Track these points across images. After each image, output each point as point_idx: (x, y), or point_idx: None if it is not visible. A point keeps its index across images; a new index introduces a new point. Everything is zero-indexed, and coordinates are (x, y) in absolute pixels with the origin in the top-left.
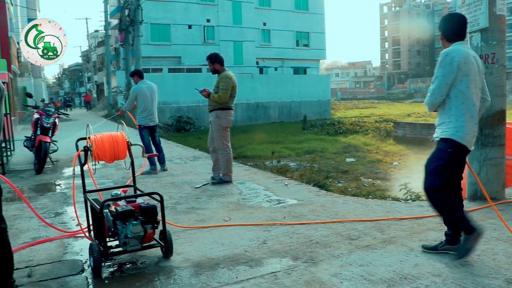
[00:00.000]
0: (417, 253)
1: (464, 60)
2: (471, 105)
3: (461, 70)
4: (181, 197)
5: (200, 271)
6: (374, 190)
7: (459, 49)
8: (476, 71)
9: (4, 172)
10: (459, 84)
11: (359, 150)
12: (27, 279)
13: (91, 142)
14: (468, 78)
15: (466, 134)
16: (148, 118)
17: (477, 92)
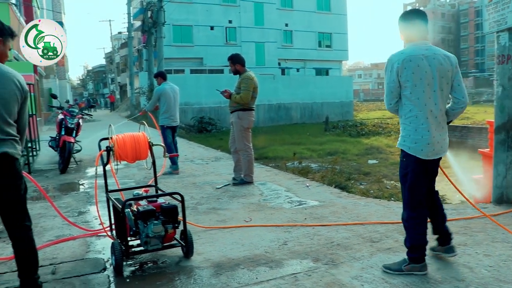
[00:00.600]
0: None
1: (404, 65)
2: (419, 112)
3: (401, 76)
4: (202, 198)
5: (220, 271)
6: (396, 192)
7: (404, 52)
8: (426, 73)
9: (30, 171)
10: (404, 90)
11: (381, 152)
12: (51, 276)
13: (113, 142)
14: (410, 83)
15: (414, 144)
16: (170, 119)
17: (433, 95)
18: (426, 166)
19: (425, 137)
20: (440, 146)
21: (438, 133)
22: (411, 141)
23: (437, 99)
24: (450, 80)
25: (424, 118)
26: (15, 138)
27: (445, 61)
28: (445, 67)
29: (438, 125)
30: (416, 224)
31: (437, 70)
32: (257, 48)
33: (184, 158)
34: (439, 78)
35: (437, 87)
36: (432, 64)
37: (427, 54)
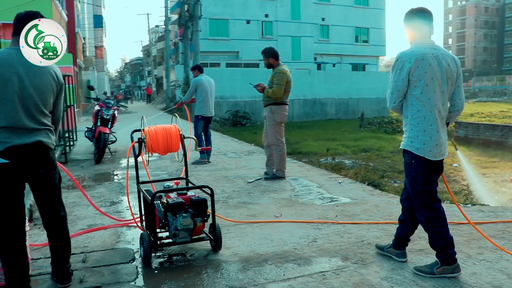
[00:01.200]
0: (475, 260)
1: (417, 64)
2: (429, 112)
3: (413, 75)
4: (234, 191)
5: (248, 266)
6: None
7: (414, 51)
8: (437, 73)
9: (67, 161)
10: (414, 90)
11: None
12: (82, 264)
13: (145, 134)
14: (422, 83)
15: (422, 145)
16: (206, 109)
17: (441, 96)
18: (435, 166)
19: (434, 138)
20: (445, 147)
21: (444, 134)
22: (419, 142)
23: (445, 100)
24: (455, 82)
25: (433, 119)
26: (49, 128)
27: (452, 62)
28: (451, 68)
29: (443, 126)
30: (436, 224)
31: (445, 71)
32: (293, 42)
33: (217, 151)
34: (446, 79)
35: (445, 87)
36: (440, 64)
37: (436, 54)
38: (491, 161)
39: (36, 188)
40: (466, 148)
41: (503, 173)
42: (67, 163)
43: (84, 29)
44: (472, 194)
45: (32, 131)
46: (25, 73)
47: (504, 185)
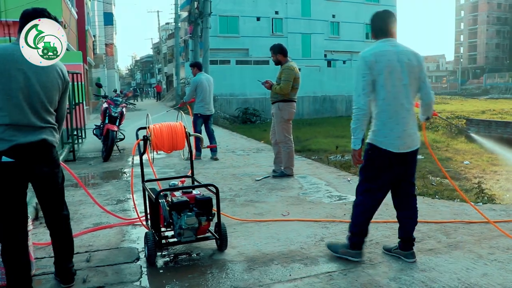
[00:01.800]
0: (486, 261)
1: (376, 58)
2: (388, 106)
3: (373, 69)
4: (241, 189)
5: (254, 266)
6: (441, 190)
7: (374, 47)
8: (396, 67)
9: (75, 158)
10: (376, 84)
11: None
12: (86, 263)
13: (150, 131)
14: (381, 77)
15: (384, 138)
16: (205, 107)
17: (403, 89)
18: (397, 159)
19: (394, 130)
20: (412, 140)
21: (410, 127)
22: (381, 136)
23: (408, 93)
24: (417, 76)
25: (393, 111)
26: (53, 126)
27: (413, 57)
28: (412, 63)
29: (409, 118)
30: (361, 212)
31: (406, 65)
32: (303, 39)
33: (225, 149)
34: (408, 73)
35: (407, 81)
36: (400, 59)
37: (395, 50)
38: (502, 158)
39: (39, 187)
40: (478, 146)
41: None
42: (75, 161)
43: (94, 26)
44: (483, 193)
45: (37, 129)
46: (30, 69)
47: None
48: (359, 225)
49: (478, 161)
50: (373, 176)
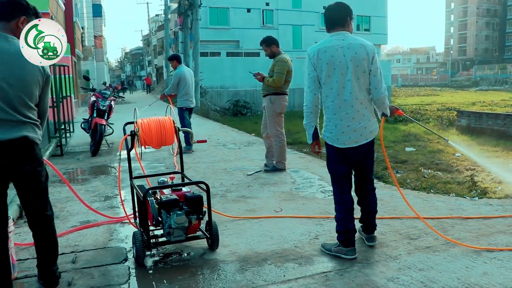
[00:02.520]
0: (485, 259)
1: (319, 55)
2: (331, 102)
3: (316, 66)
4: (232, 185)
5: (246, 266)
6: (435, 183)
7: (320, 44)
8: (340, 63)
9: (62, 153)
10: (320, 81)
11: (419, 139)
12: (71, 265)
13: (138, 126)
14: (324, 74)
15: (330, 133)
16: (189, 100)
17: (347, 85)
18: (346, 154)
19: (338, 126)
20: (359, 134)
21: (356, 122)
22: (328, 131)
23: (353, 88)
24: (367, 69)
25: (336, 108)
26: (35, 122)
27: (360, 50)
28: (360, 56)
29: (355, 114)
30: (340, 210)
31: (351, 60)
32: (294, 31)
33: (216, 142)
34: (354, 67)
35: (351, 76)
36: (346, 54)
37: (342, 45)
38: (493, 150)
39: (21, 187)
40: (469, 137)
41: (507, 162)
42: (63, 156)
43: (82, 18)
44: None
45: (17, 125)
46: (2, 63)
47: (507, 175)
48: (341, 222)
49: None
50: (334, 169)
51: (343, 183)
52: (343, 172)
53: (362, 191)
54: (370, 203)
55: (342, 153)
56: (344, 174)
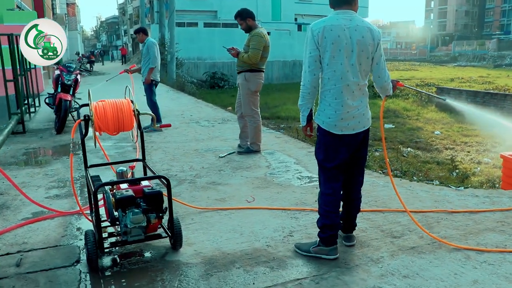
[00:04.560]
0: (475, 263)
1: (324, 33)
2: (334, 85)
3: (320, 45)
4: (203, 168)
5: (212, 271)
6: (415, 163)
7: (326, 21)
8: (346, 45)
9: (24, 131)
10: (322, 62)
11: (398, 115)
12: (14, 269)
13: (91, 110)
14: (328, 54)
15: (328, 119)
16: (158, 74)
17: (351, 69)
18: (342, 141)
19: (338, 112)
20: (357, 121)
21: (356, 108)
22: (325, 116)
23: (356, 73)
24: (370, 55)
25: (338, 92)
26: None
27: (367, 34)
28: (366, 41)
29: (355, 99)
30: (328, 201)
31: (357, 43)
32: (273, 2)
33: (189, 119)
34: (359, 51)
35: (355, 60)
36: (353, 36)
37: (349, 25)
38: (472, 128)
39: None
40: (448, 115)
41: (485, 141)
42: (25, 133)
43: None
44: (457, 168)
45: None
46: None
47: (486, 154)
48: (328, 215)
49: (448, 131)
50: (325, 158)
51: (334, 173)
52: (337, 162)
53: (350, 183)
54: (355, 200)
55: (338, 141)
56: (337, 165)
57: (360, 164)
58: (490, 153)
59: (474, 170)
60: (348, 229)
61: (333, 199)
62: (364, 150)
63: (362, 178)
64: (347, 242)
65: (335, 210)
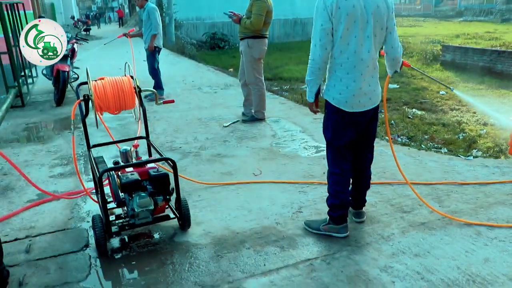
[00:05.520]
0: (486, 239)
1: (338, 3)
2: (347, 59)
3: (334, 16)
4: (207, 139)
5: (222, 252)
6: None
7: None
8: (361, 16)
9: (23, 104)
10: (334, 34)
11: (403, 75)
12: (24, 255)
13: (91, 89)
14: (342, 26)
15: (338, 94)
16: (160, 40)
17: (365, 42)
18: (352, 119)
19: (350, 87)
20: (368, 98)
21: (367, 84)
22: (336, 91)
23: (371, 46)
24: (385, 24)
25: (351, 66)
26: None
27: (382, 4)
28: (381, 11)
29: (368, 75)
30: (337, 181)
31: (373, 14)
32: None
33: (191, 85)
34: (374, 22)
35: (370, 32)
36: (368, 6)
37: None
38: (478, 88)
39: None
40: (453, 74)
41: (491, 102)
42: (24, 107)
43: None
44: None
45: None
46: None
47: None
48: (337, 195)
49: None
50: (335, 136)
51: (343, 151)
52: (346, 140)
53: (359, 160)
54: (365, 177)
55: (348, 118)
56: (347, 142)
57: (369, 141)
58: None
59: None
60: (358, 205)
61: (342, 179)
62: (374, 126)
63: (371, 155)
64: (357, 219)
65: (344, 190)
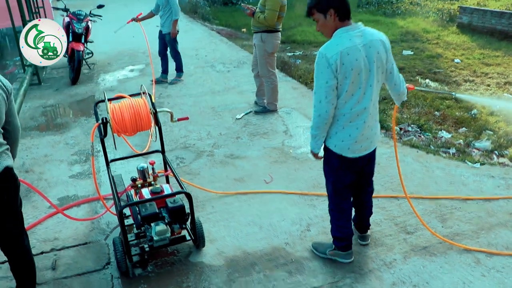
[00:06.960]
0: (483, 269)
1: (342, 59)
2: (350, 110)
3: (339, 73)
4: (220, 135)
5: (234, 276)
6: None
7: (340, 42)
8: (364, 66)
9: (40, 81)
10: (339, 87)
11: (417, 39)
12: (51, 273)
13: (108, 113)
14: (348, 81)
15: (341, 142)
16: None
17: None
18: (353, 163)
19: (353, 135)
20: (370, 142)
21: (369, 129)
22: (338, 139)
23: (373, 94)
24: (385, 69)
25: (354, 115)
26: (7, 146)
27: (381, 48)
28: (381, 56)
29: (370, 120)
30: (338, 217)
31: (375, 62)
32: None
33: (204, 60)
34: (376, 69)
35: (373, 80)
36: (369, 54)
37: (363, 42)
38: (494, 55)
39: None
40: (469, 38)
41: (507, 72)
42: (41, 85)
43: None
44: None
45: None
46: None
47: (507, 89)
48: (340, 229)
49: (469, 59)
50: (337, 180)
51: (346, 192)
52: (348, 183)
53: (360, 194)
54: (367, 207)
55: (349, 163)
56: (348, 185)
57: (369, 178)
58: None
59: (493, 110)
60: (362, 229)
61: (343, 215)
62: (372, 164)
63: (371, 188)
64: (362, 241)
65: (346, 225)
